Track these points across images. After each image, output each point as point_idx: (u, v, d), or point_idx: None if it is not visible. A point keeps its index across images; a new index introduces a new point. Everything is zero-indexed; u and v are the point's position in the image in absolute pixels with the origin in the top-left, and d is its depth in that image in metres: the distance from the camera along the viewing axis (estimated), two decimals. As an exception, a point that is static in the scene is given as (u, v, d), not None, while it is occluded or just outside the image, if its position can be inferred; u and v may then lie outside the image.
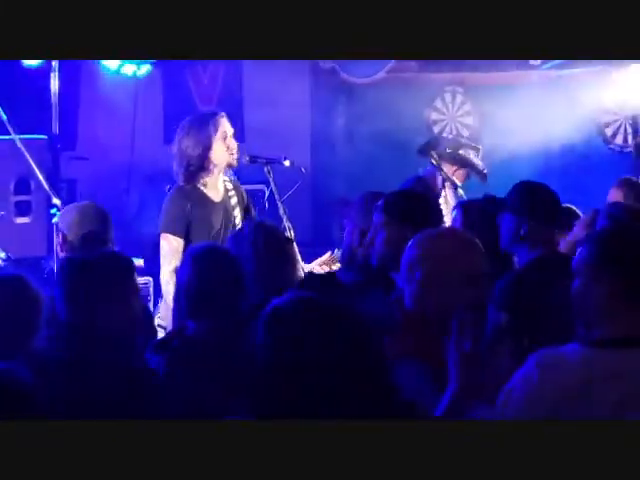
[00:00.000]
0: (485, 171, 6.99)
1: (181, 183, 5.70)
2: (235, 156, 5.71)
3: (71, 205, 5.16)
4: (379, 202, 4.31)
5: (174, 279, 5.25)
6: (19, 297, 3.55)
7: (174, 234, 5.60)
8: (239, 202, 5.81)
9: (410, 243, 3.46)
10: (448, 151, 6.95)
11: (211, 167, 5.66)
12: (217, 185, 5.75)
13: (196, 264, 3.96)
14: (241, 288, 3.84)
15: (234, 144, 5.72)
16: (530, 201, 4.54)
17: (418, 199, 4.45)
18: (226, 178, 5.80)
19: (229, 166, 5.72)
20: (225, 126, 5.72)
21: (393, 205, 4.24)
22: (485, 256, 3.40)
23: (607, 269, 2.87)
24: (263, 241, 4.36)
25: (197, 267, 3.94)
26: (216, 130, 5.67)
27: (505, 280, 3.87)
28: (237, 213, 5.78)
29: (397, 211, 4.19)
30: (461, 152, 7.00)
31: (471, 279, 3.29)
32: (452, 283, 3.30)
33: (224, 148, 5.67)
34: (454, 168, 6.87)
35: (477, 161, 7.05)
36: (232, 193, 5.80)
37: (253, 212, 5.92)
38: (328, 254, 5.80)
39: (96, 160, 8.92)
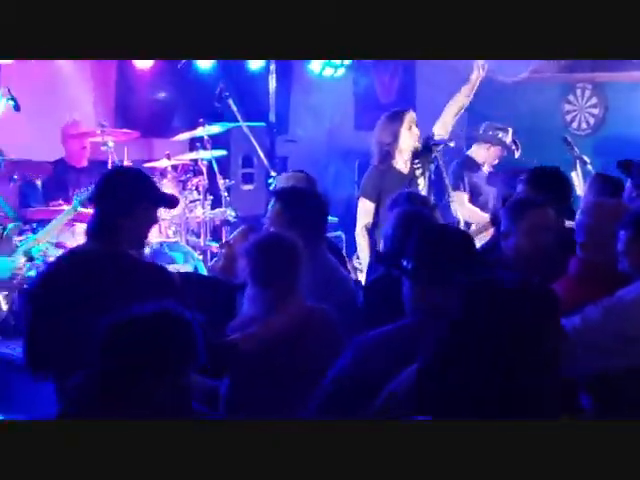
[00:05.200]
0: (514, 148, 7.28)
1: (376, 163, 6.36)
2: (419, 141, 6.32)
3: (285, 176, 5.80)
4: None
5: (364, 234, 6.17)
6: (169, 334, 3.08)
7: (368, 198, 6.24)
8: (423, 172, 6.36)
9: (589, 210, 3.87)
10: (486, 132, 7.27)
11: (398, 151, 6.29)
12: (406, 162, 6.33)
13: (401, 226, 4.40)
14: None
15: (417, 131, 6.35)
16: None
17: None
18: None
19: (415, 149, 6.31)
20: (410, 118, 6.36)
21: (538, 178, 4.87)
22: None
23: None
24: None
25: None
26: (402, 122, 6.31)
27: None
28: (420, 182, 6.34)
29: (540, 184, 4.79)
30: (491, 133, 7.33)
31: None
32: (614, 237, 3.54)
33: (409, 135, 6.31)
34: (487, 146, 7.36)
35: (507, 140, 7.31)
36: (418, 166, 6.34)
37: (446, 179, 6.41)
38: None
39: (302, 142, 9.81)
